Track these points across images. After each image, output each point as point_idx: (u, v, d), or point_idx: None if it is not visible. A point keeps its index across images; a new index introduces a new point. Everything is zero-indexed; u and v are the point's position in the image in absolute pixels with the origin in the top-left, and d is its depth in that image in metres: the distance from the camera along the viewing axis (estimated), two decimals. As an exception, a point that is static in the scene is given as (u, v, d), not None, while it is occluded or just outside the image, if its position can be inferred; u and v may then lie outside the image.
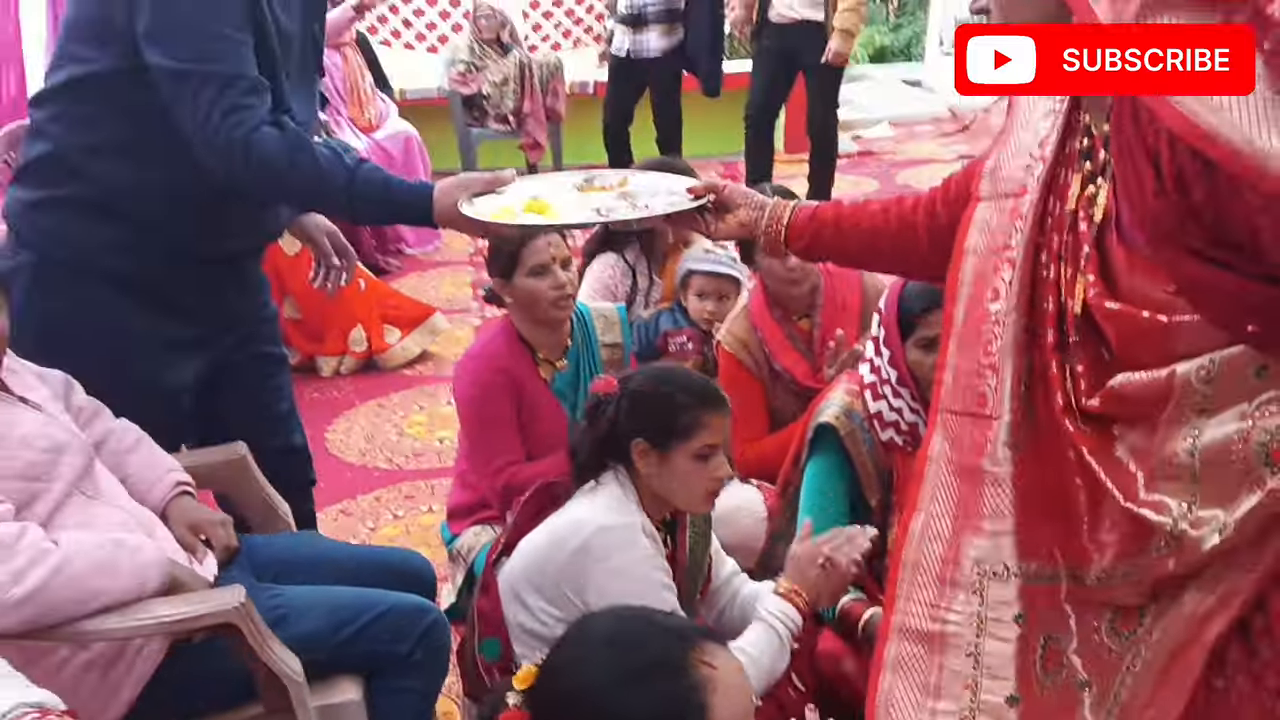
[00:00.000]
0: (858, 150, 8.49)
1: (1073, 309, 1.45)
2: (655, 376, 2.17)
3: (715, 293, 3.44)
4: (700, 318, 3.45)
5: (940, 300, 2.40)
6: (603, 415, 2.13)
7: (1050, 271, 1.50)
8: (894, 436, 2.50)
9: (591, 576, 2.02)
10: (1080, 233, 1.46)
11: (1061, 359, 1.47)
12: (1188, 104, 1.19)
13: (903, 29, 14.24)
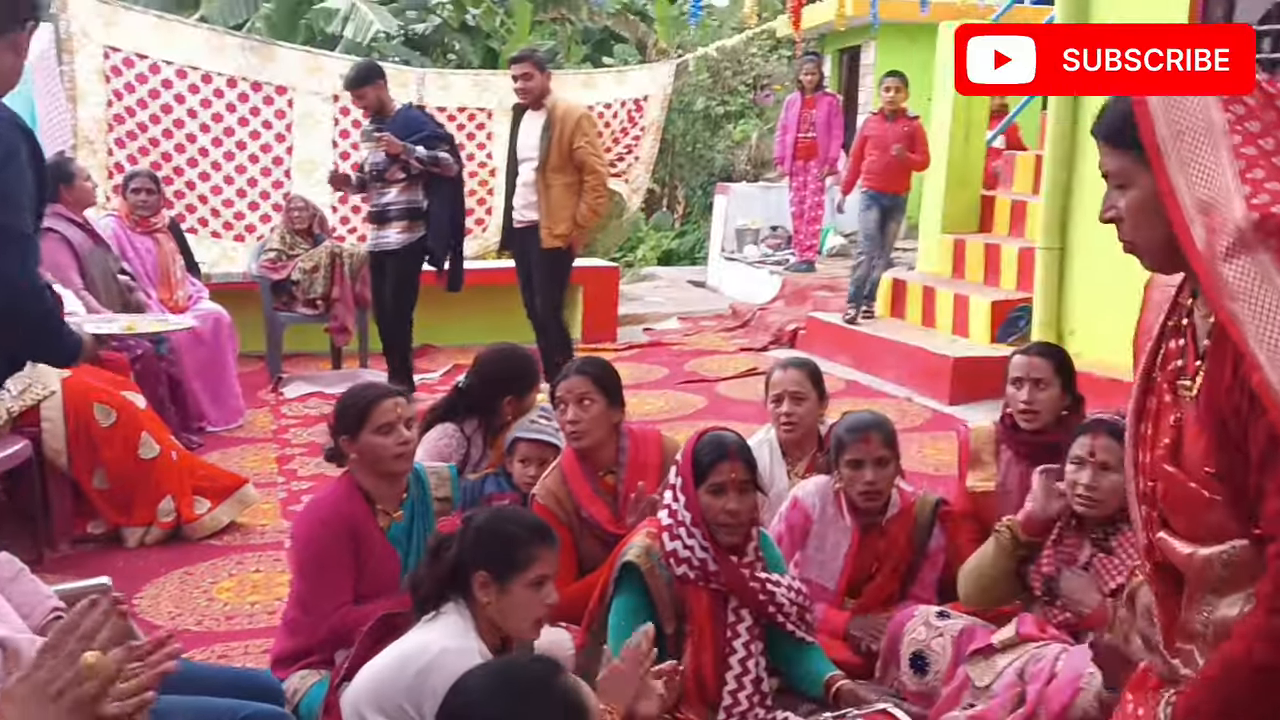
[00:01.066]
0: (649, 341, 9.12)
1: (1147, 462, 1.65)
2: (496, 515, 2.48)
3: (538, 459, 3.75)
4: (522, 482, 3.74)
5: (726, 453, 2.83)
6: (446, 551, 2.40)
7: (1145, 428, 1.67)
8: (687, 572, 2.87)
9: (434, 693, 2.24)
10: (1165, 402, 1.62)
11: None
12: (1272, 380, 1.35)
13: (687, 235, 15.44)
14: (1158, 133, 1.51)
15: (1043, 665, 2.76)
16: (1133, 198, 1.60)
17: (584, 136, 6.48)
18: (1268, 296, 1.39)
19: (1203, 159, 1.47)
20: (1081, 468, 2.91)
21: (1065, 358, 3.58)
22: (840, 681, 2.86)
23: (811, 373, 3.92)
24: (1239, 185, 1.44)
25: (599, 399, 3.44)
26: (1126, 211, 1.62)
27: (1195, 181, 1.47)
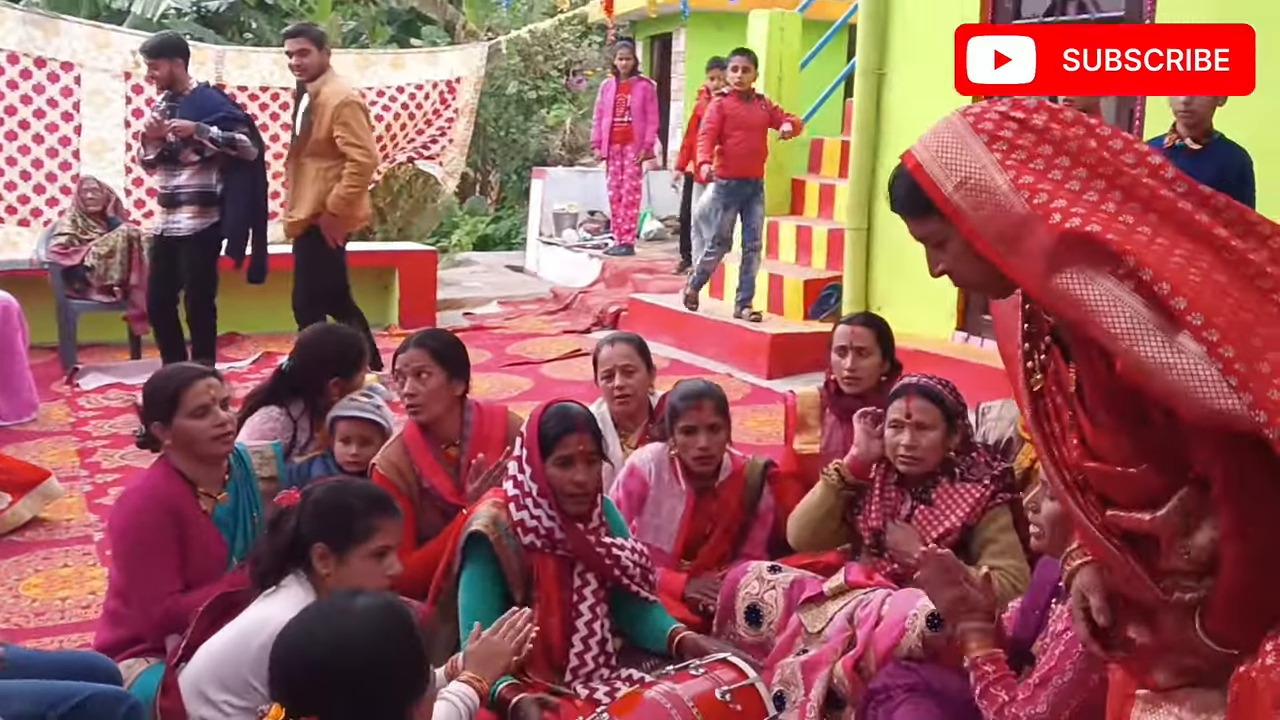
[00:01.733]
0: (470, 325, 9.05)
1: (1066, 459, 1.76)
2: (335, 487, 2.44)
3: (359, 437, 3.69)
4: (345, 461, 3.67)
5: (573, 425, 2.87)
6: (285, 524, 2.34)
7: (1051, 428, 1.78)
8: (535, 541, 2.90)
9: (278, 665, 2.20)
10: (1057, 403, 1.76)
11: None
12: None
13: (503, 220, 15.35)
14: (944, 192, 1.65)
15: (870, 609, 2.92)
16: (951, 251, 1.73)
17: (344, 125, 6.14)
18: (1098, 294, 1.54)
19: (988, 200, 1.61)
20: (900, 430, 3.10)
21: (885, 327, 3.80)
22: (683, 633, 2.94)
23: (639, 346, 4.01)
24: (1031, 212, 1.58)
25: (438, 372, 3.41)
26: (951, 264, 1.75)
27: (990, 221, 1.61)
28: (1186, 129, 4.15)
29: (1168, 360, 1.49)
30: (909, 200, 1.74)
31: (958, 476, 3.11)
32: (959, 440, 3.15)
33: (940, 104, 6.13)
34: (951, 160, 1.65)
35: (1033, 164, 1.62)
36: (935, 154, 1.68)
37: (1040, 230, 1.57)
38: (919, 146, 1.73)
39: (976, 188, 1.62)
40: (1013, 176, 1.61)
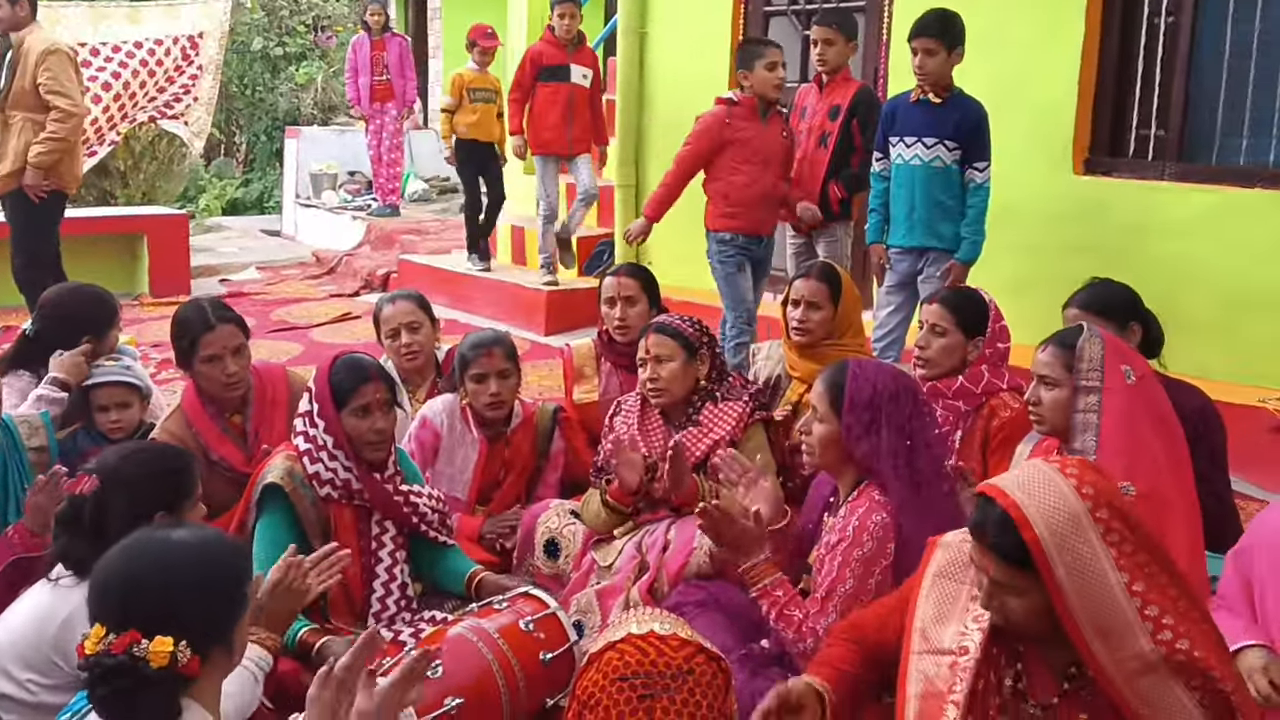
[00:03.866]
0: (228, 292, 8.70)
1: None
2: (139, 456, 2.39)
3: (117, 403, 3.56)
4: (106, 429, 3.54)
5: (367, 375, 2.89)
6: (84, 513, 2.28)
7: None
8: (331, 492, 2.92)
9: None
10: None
11: None
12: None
13: (253, 183, 14.70)
14: (1052, 565, 1.74)
15: (656, 536, 3.12)
16: (1024, 606, 1.81)
17: (48, 73, 5.84)
18: (1171, 700, 1.74)
19: (1098, 593, 1.73)
20: (644, 365, 3.29)
21: (650, 276, 4.00)
22: (481, 575, 3.03)
23: (421, 302, 4.04)
24: (1140, 621, 1.73)
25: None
26: (1016, 613, 1.83)
27: (1095, 612, 1.73)
28: (928, 87, 4.55)
29: None
30: (1006, 547, 1.79)
31: (719, 399, 3.33)
32: (709, 369, 3.34)
33: (702, 62, 6.46)
34: (1065, 541, 1.74)
35: (1135, 558, 1.75)
36: (1048, 524, 1.74)
37: (1145, 641, 1.73)
38: (1027, 502, 1.77)
39: (1087, 576, 1.72)
40: (1126, 581, 1.73)
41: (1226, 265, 4.71)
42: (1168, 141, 5.08)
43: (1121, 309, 3.08)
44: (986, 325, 3.34)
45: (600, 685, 1.68)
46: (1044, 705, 1.87)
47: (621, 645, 1.71)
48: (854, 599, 2.48)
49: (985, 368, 3.31)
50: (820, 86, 5.18)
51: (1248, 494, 4.24)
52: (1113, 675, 1.75)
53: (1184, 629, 1.75)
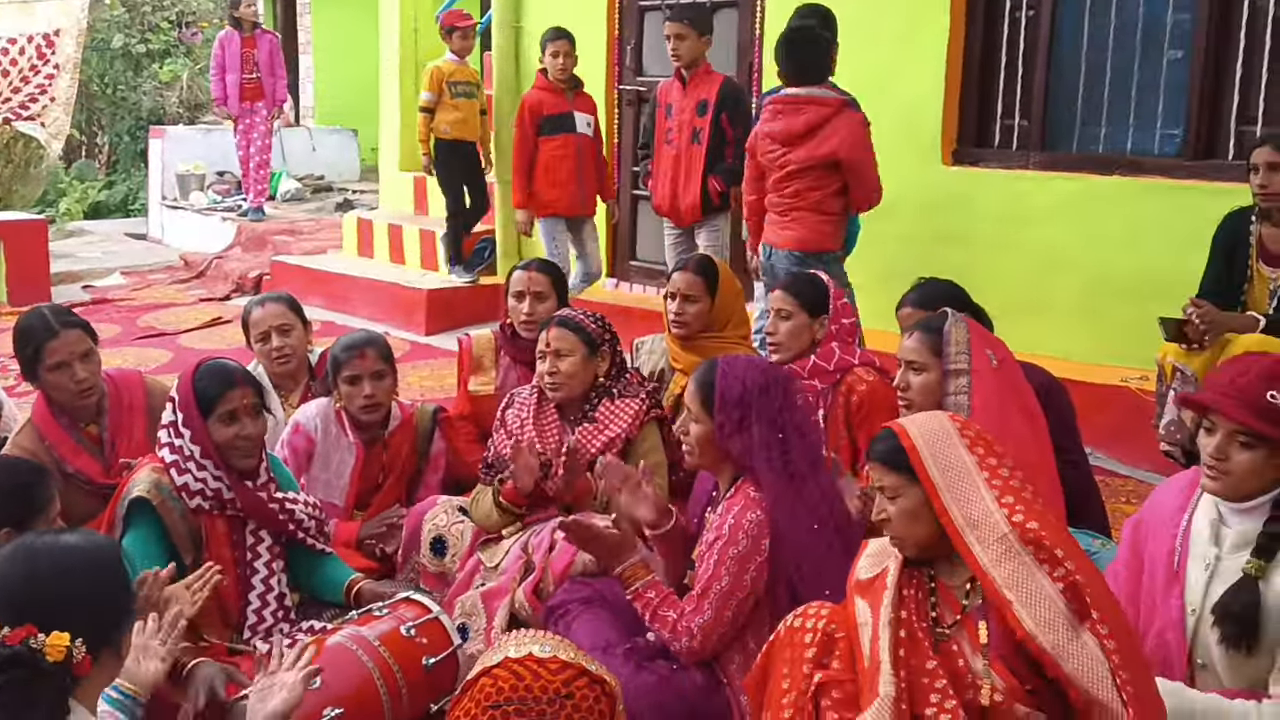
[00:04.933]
0: (92, 299, 8.34)
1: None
2: None
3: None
4: None
5: (233, 380, 2.79)
6: None
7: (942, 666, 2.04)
8: (201, 503, 2.81)
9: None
10: (954, 649, 2.05)
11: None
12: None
13: (116, 185, 14.12)
14: (927, 467, 2.05)
15: (543, 536, 3.08)
16: (901, 506, 2.09)
17: None
18: (1033, 584, 1.93)
19: (966, 488, 2.02)
20: (543, 359, 3.28)
21: (560, 273, 3.98)
22: (361, 583, 2.96)
23: (291, 304, 3.93)
24: (998, 508, 1.99)
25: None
26: (896, 516, 2.10)
27: (962, 504, 2.01)
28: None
29: (1073, 651, 1.89)
30: (889, 454, 2.11)
31: (616, 395, 3.31)
32: (609, 366, 3.33)
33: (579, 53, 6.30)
34: (935, 446, 2.07)
35: (996, 467, 2.04)
36: (923, 433, 2.09)
37: (1003, 524, 1.97)
38: (909, 423, 2.14)
39: (958, 478, 2.04)
40: (986, 477, 2.03)
41: (1088, 251, 4.89)
42: (1031, 132, 5.24)
43: (951, 304, 3.18)
44: (828, 304, 3.42)
45: (472, 714, 1.61)
46: (950, 625, 2.06)
47: (496, 671, 1.63)
48: (729, 596, 2.50)
49: (835, 345, 3.40)
50: (683, 82, 5.20)
51: (1112, 470, 4.41)
52: (986, 567, 1.96)
53: (1035, 516, 1.98)
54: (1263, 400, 2.15)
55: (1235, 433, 2.18)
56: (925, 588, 2.12)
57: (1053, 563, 1.95)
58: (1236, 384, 2.22)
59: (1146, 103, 4.95)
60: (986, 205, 5.19)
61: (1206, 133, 4.73)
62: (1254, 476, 2.18)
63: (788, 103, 4.53)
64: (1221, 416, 2.21)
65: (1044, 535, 1.96)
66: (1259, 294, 4.04)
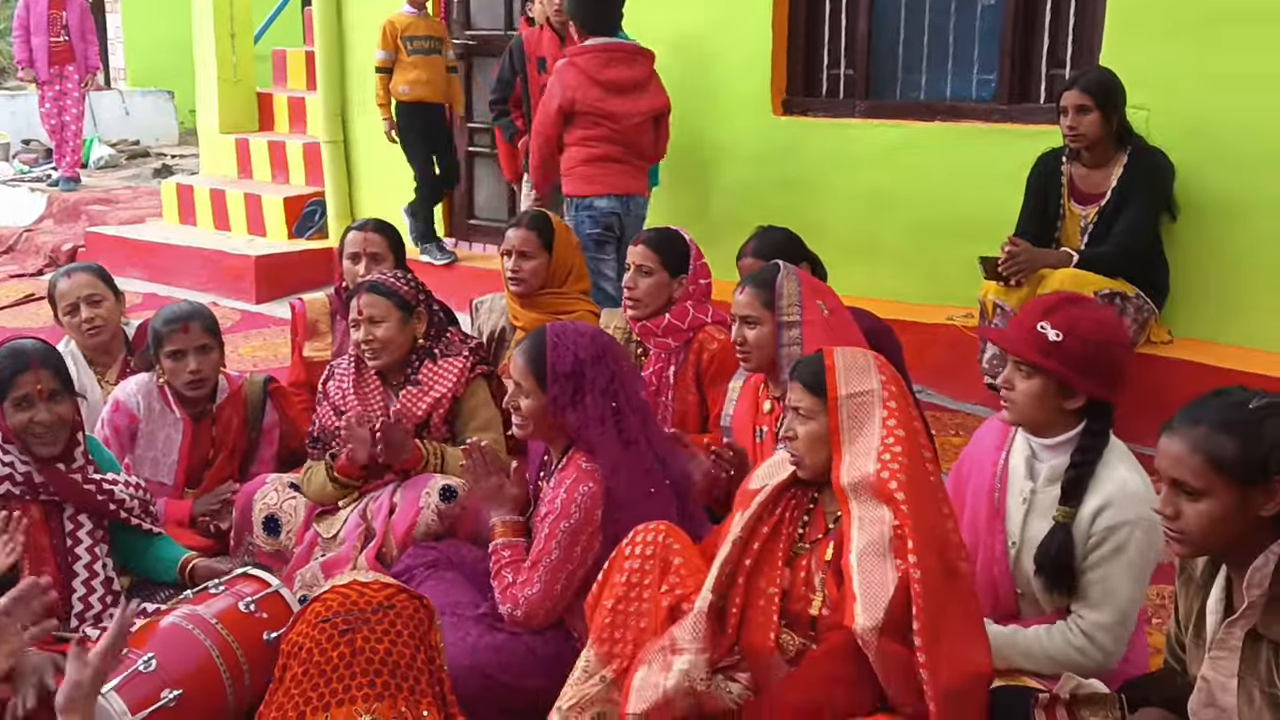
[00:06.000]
0: (-112, 279, 7.75)
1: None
2: None
3: None
4: None
5: (28, 363, 2.63)
6: None
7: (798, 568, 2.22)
8: (11, 489, 2.65)
9: None
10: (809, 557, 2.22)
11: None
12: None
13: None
14: (838, 390, 2.18)
15: (381, 500, 3.02)
16: (810, 429, 2.21)
17: None
18: (873, 530, 2.07)
19: (862, 420, 2.16)
20: (358, 327, 3.20)
21: (396, 234, 3.87)
22: (195, 561, 2.85)
23: (100, 274, 3.75)
24: (878, 455, 2.11)
25: None
26: (802, 437, 2.23)
27: (854, 432, 2.15)
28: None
29: (868, 570, 2.04)
30: (809, 375, 2.24)
31: (438, 356, 3.25)
32: (426, 327, 3.26)
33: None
34: (852, 373, 2.21)
35: (899, 413, 2.17)
36: (844, 360, 2.23)
37: (872, 466, 2.12)
38: (836, 351, 2.26)
39: (861, 401, 2.18)
40: (884, 416, 2.16)
41: (915, 195, 5.04)
42: (856, 81, 5.35)
43: (788, 252, 3.24)
44: (689, 263, 3.44)
45: (303, 633, 1.71)
46: (812, 540, 2.24)
47: (325, 595, 1.75)
48: (559, 569, 2.51)
49: (690, 304, 3.42)
50: (561, 37, 5.09)
51: (941, 405, 4.60)
52: (848, 490, 2.13)
53: (905, 477, 2.10)
54: (1034, 332, 2.27)
55: (1018, 363, 2.31)
56: (804, 505, 2.27)
57: (893, 504, 2.07)
58: (1019, 318, 2.38)
59: (963, 50, 5.11)
60: (817, 153, 5.29)
61: (1019, 77, 4.92)
62: (1038, 405, 2.30)
63: (630, 50, 4.55)
64: (1001, 348, 2.37)
65: (904, 480, 2.09)
66: (1071, 231, 4.26)
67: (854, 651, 2.03)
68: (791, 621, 2.19)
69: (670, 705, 2.10)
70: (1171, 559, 2.10)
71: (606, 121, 4.58)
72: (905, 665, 2.01)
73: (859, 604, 2.01)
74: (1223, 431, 1.78)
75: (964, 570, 2.12)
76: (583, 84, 4.55)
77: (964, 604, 2.09)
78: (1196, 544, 1.85)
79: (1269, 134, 4.10)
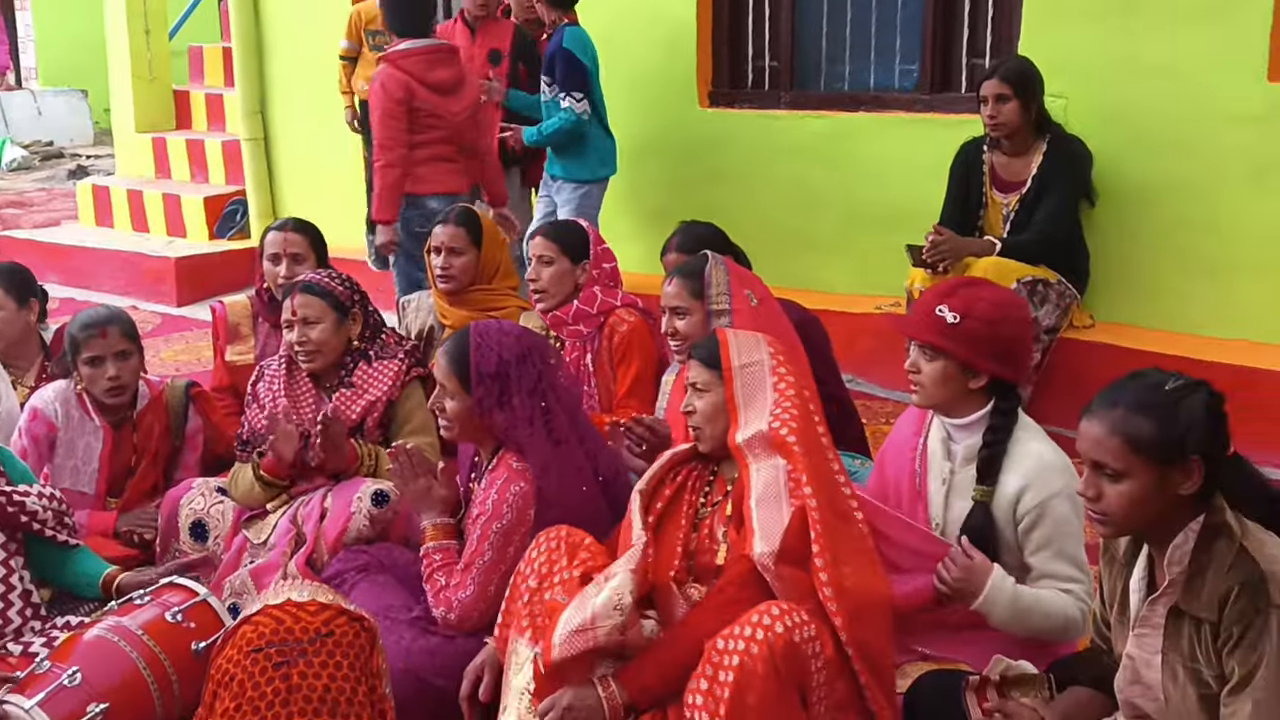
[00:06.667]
0: None
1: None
2: None
3: None
4: None
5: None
6: None
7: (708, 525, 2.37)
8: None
9: None
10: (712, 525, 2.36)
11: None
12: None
13: None
14: (732, 362, 2.31)
15: (313, 505, 2.97)
16: (708, 400, 2.33)
17: None
18: (768, 474, 2.20)
19: (755, 386, 2.28)
20: (290, 328, 3.15)
21: (318, 233, 3.80)
22: (120, 575, 2.77)
23: (9, 275, 3.62)
24: (772, 407, 2.25)
25: None
26: (701, 409, 2.35)
27: (748, 398, 2.27)
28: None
29: (775, 515, 2.16)
30: (707, 353, 2.38)
31: (373, 358, 3.21)
32: (361, 328, 3.22)
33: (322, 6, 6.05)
34: (744, 347, 2.36)
35: (789, 377, 2.32)
36: (737, 337, 2.38)
37: (765, 424, 2.24)
38: (732, 336, 2.39)
39: (752, 376, 2.31)
40: (775, 381, 2.29)
41: (841, 185, 5.09)
42: (781, 72, 5.39)
43: (712, 246, 3.25)
44: (589, 249, 3.45)
45: (235, 660, 1.65)
46: (713, 504, 2.35)
47: (256, 617, 1.68)
48: (492, 571, 2.48)
49: (597, 289, 3.43)
50: (471, 29, 5.04)
51: (870, 393, 4.65)
52: (744, 448, 2.24)
53: (797, 427, 2.24)
54: (933, 315, 2.34)
55: (922, 347, 2.38)
56: (705, 477, 2.40)
57: (786, 451, 2.21)
58: (919, 303, 2.48)
59: (885, 40, 5.16)
60: (743, 145, 5.31)
61: (940, 67, 4.99)
62: (943, 386, 2.35)
63: (447, 50, 4.59)
64: (903, 333, 2.47)
65: (795, 428, 2.24)
66: (994, 219, 4.33)
67: (754, 578, 2.13)
68: (699, 574, 2.29)
69: (594, 639, 2.07)
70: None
71: (439, 122, 4.52)
72: (804, 587, 2.10)
73: (757, 535, 2.13)
74: (1139, 413, 1.82)
75: (855, 517, 2.23)
76: (414, 87, 4.48)
77: (859, 542, 2.22)
78: (1119, 524, 1.89)
79: (1182, 119, 4.21)
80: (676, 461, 2.44)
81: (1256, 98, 4.05)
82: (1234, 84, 4.08)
